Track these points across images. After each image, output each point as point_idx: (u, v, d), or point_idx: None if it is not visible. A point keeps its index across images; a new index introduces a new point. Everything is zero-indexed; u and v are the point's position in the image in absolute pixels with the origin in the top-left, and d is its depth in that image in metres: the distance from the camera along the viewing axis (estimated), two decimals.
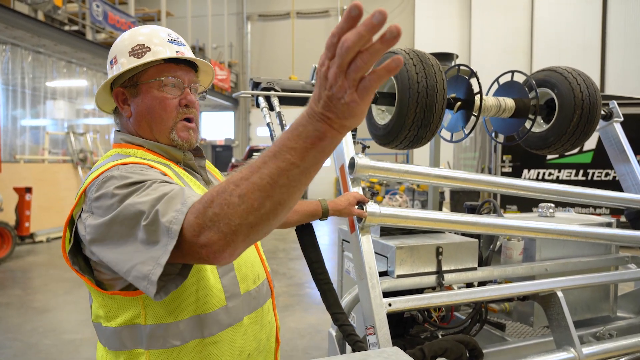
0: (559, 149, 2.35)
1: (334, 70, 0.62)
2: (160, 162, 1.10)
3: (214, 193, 0.76)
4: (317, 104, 0.66)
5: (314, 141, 0.68)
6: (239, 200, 0.72)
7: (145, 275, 0.83)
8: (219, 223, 0.74)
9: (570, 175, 7.53)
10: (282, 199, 0.73)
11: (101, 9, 11.20)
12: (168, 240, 0.81)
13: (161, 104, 1.12)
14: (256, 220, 0.74)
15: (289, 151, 0.69)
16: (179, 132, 1.14)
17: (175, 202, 0.84)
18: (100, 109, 1.25)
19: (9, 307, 4.90)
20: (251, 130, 20.51)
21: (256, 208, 0.72)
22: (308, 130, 0.68)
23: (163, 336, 1.01)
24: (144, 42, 1.13)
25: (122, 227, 0.89)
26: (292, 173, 0.70)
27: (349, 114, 0.65)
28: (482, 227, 1.89)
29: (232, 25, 19.88)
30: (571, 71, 2.25)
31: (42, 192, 8.72)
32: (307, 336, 4.11)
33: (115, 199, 0.91)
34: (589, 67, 15.13)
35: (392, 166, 1.86)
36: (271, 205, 0.73)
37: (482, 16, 16.99)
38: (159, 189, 0.89)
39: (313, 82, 2.00)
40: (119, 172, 0.96)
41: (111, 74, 1.15)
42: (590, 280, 2.09)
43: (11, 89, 10.12)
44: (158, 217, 0.83)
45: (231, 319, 1.08)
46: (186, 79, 1.16)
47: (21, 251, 7.72)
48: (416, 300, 1.73)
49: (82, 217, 0.97)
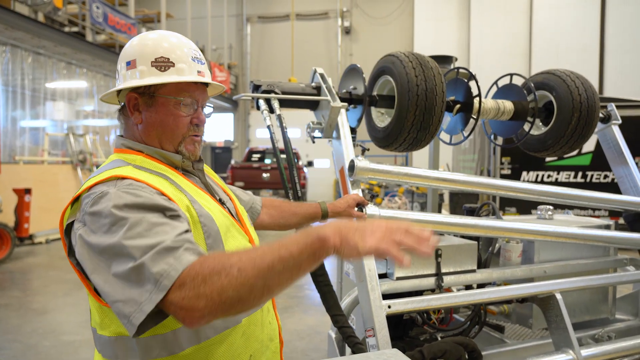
0: (557, 152, 2.36)
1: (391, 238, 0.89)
2: (158, 173, 1.11)
3: (216, 262, 0.85)
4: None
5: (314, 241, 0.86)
6: (237, 273, 0.82)
7: (126, 316, 0.87)
8: (212, 292, 0.82)
9: (569, 177, 7.55)
10: (272, 283, 0.85)
11: (101, 11, 11.21)
12: (155, 291, 0.85)
13: (175, 121, 1.14)
14: (246, 295, 0.83)
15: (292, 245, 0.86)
16: (187, 145, 1.17)
17: (168, 255, 0.88)
18: (104, 102, 1.25)
19: (8, 309, 4.89)
20: (250, 132, 20.52)
21: (250, 284, 0.83)
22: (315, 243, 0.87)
23: (159, 346, 1.02)
24: (168, 56, 1.12)
25: (111, 261, 0.91)
26: (288, 263, 0.84)
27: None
28: (481, 230, 1.90)
29: (232, 27, 19.91)
30: (569, 74, 2.26)
31: (42, 194, 8.72)
32: (306, 338, 4.11)
33: (107, 220, 0.93)
34: (588, 69, 15.17)
35: (392, 169, 1.87)
36: (262, 285, 0.84)
37: (481, 19, 17.04)
38: (153, 232, 0.91)
39: (313, 84, 2.01)
40: (116, 190, 0.97)
41: (124, 76, 1.14)
42: (588, 282, 2.09)
43: (11, 90, 10.12)
44: (148, 265, 0.87)
45: (227, 322, 1.08)
46: (201, 99, 1.18)
47: (20, 252, 7.71)
48: (415, 302, 1.73)
49: (75, 227, 0.98)
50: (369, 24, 18.85)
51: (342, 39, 19.09)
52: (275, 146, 1.71)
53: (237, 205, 1.30)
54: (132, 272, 0.88)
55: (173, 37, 1.18)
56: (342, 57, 18.96)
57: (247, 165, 12.75)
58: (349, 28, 18.99)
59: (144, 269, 0.87)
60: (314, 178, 17.05)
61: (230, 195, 1.33)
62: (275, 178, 12.32)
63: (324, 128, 1.90)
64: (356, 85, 2.09)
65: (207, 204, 1.12)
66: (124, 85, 1.13)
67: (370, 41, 18.66)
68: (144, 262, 0.87)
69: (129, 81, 1.13)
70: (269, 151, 13.52)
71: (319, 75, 2.01)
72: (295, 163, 1.76)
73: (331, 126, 1.89)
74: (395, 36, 18.29)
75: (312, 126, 1.94)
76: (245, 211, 1.35)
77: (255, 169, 12.56)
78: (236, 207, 1.28)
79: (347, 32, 19.05)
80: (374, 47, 18.25)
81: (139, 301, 0.86)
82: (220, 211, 1.14)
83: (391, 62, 1.99)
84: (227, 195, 1.31)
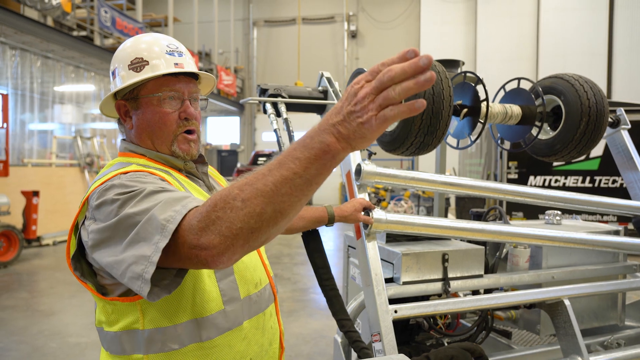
0: (565, 156, 2.34)
1: (366, 90, 0.66)
2: (161, 170, 1.11)
3: (218, 197, 0.78)
4: (335, 115, 0.70)
5: (318, 153, 0.71)
6: (242, 204, 0.75)
7: (139, 275, 0.84)
8: (220, 226, 0.76)
9: (576, 182, 7.49)
10: (283, 207, 0.75)
11: (109, 15, 11.31)
12: (160, 239, 0.83)
13: (161, 119, 1.13)
14: (257, 225, 0.76)
15: (293, 161, 0.72)
16: (180, 144, 1.15)
17: (174, 204, 0.86)
18: (107, 116, 1.27)
19: (15, 310, 4.92)
20: (257, 135, 20.59)
21: (258, 213, 0.75)
22: (314, 142, 0.71)
23: (161, 340, 1.02)
24: (142, 55, 1.12)
25: (120, 232, 0.90)
26: (295, 182, 0.73)
27: (359, 133, 0.69)
28: (489, 235, 1.89)
29: (239, 31, 20.02)
30: (578, 78, 2.24)
31: (49, 196, 8.79)
32: (311, 342, 4.10)
33: (114, 205, 0.92)
34: (596, 73, 15.09)
35: (398, 173, 1.87)
36: (272, 211, 0.75)
37: (488, 22, 17.01)
38: (158, 197, 0.90)
39: (320, 88, 2.01)
40: (120, 181, 0.98)
41: (113, 86, 1.17)
42: (597, 288, 2.07)
43: (20, 93, 10.23)
44: (155, 216, 0.85)
45: (230, 323, 1.09)
46: (186, 91, 1.16)
47: (28, 254, 7.77)
48: (422, 307, 1.72)
49: (85, 224, 0.99)
50: (375, 28, 18.88)
51: (349, 42, 19.13)
52: (282, 150, 1.72)
53: None
54: (140, 229, 0.87)
55: (147, 37, 1.18)
56: (349, 61, 19.00)
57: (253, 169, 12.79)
58: (355, 32, 19.03)
59: (151, 220, 0.85)
60: None
61: None
62: None
63: None
64: None
65: None
66: (106, 96, 1.17)
67: (377, 45, 18.68)
68: (153, 213, 0.86)
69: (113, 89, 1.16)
70: (275, 154, 13.55)
71: (326, 79, 2.01)
72: None
73: None
74: (402, 40, 18.30)
75: None
76: None
77: None
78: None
79: (353, 36, 19.09)
80: (380, 51, 18.28)
81: (146, 255, 0.84)
82: None
83: None
84: None
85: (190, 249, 0.80)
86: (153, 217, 0.85)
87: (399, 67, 0.64)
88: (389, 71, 0.64)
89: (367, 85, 0.67)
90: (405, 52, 0.64)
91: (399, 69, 0.63)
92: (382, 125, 0.67)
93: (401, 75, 0.64)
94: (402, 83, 0.64)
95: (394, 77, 0.64)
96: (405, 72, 0.63)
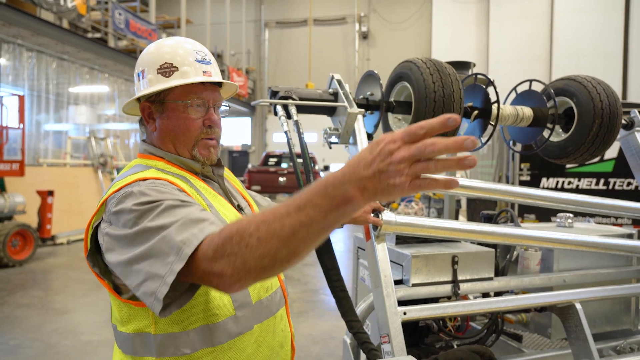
0: (577, 159, 2.32)
1: (403, 154, 0.64)
2: (178, 175, 1.13)
3: (234, 230, 0.79)
4: (364, 169, 0.67)
5: (340, 204, 0.70)
6: (257, 243, 0.76)
7: (152, 292, 0.87)
8: (235, 260, 0.78)
9: (590, 184, 7.39)
10: (298, 250, 0.76)
11: (123, 17, 11.46)
12: (175, 261, 0.85)
13: (185, 125, 1.15)
14: (270, 265, 0.78)
15: (313, 207, 0.72)
16: (200, 149, 1.17)
17: (191, 226, 0.88)
18: (127, 114, 1.29)
19: (30, 308, 5.01)
20: (267, 136, 20.67)
21: (272, 254, 0.76)
22: (337, 192, 0.69)
23: (174, 345, 1.04)
24: (172, 61, 1.14)
25: (135, 244, 0.92)
26: (312, 228, 0.73)
27: (387, 192, 0.67)
28: (499, 237, 1.88)
29: (250, 32, 20.13)
30: (590, 80, 2.22)
31: (63, 195, 8.92)
32: (320, 342, 4.10)
33: (132, 215, 0.94)
34: (611, 75, 14.88)
35: None
36: (287, 253, 0.76)
37: (500, 23, 16.87)
38: (176, 212, 0.92)
39: (330, 90, 2.02)
40: (139, 189, 0.99)
41: (138, 87, 1.18)
42: (610, 292, 2.05)
43: (36, 94, 10.40)
44: (172, 236, 0.87)
45: (240, 328, 1.09)
46: (211, 99, 1.18)
47: (42, 253, 7.89)
48: (431, 309, 1.72)
49: (102, 227, 1.01)
50: (387, 29, 18.84)
51: (360, 44, 19.12)
52: (293, 152, 1.73)
53: (255, 211, 1.31)
54: (156, 245, 0.89)
55: (171, 41, 1.19)
56: (360, 62, 18.98)
57: (264, 169, 12.85)
58: (367, 33, 19.01)
59: (168, 239, 0.87)
60: None
61: (249, 201, 1.34)
62: (292, 182, 12.38)
63: (341, 134, 1.91)
64: (373, 91, 2.09)
65: (224, 210, 1.14)
66: (134, 97, 1.18)
67: (388, 46, 18.64)
68: (169, 233, 0.88)
69: (140, 92, 1.17)
70: (286, 155, 13.60)
71: (336, 81, 2.02)
72: (312, 168, 1.78)
73: (348, 132, 1.90)
74: (413, 41, 18.23)
75: (329, 132, 1.94)
76: None
77: (272, 173, 12.65)
78: (254, 213, 1.30)
79: (364, 37, 19.07)
80: (391, 52, 18.23)
81: (161, 274, 0.86)
82: (236, 217, 1.16)
83: (408, 68, 1.99)
84: (247, 201, 1.33)
85: (203, 273, 0.83)
86: (170, 236, 0.87)
87: (443, 145, 0.62)
88: (432, 145, 0.63)
89: (405, 149, 0.64)
90: (447, 119, 0.63)
91: (443, 146, 0.62)
92: (413, 192, 0.66)
93: (445, 151, 0.63)
94: (445, 161, 0.64)
95: (436, 151, 0.63)
96: (448, 150, 0.63)
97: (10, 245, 6.93)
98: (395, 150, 0.65)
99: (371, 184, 0.67)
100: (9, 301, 5.25)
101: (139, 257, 0.91)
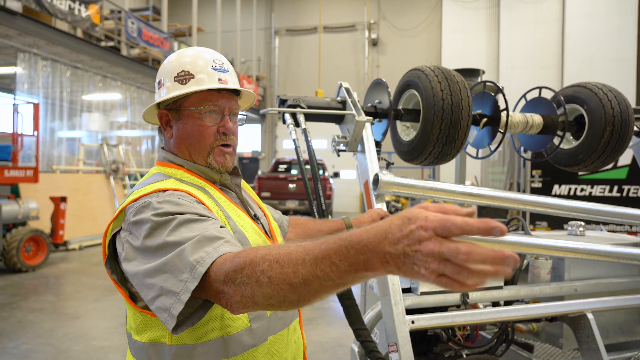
0: (589, 166, 2.30)
1: (432, 248, 0.59)
2: (197, 186, 1.14)
3: (247, 260, 0.80)
4: (390, 245, 0.64)
5: (359, 269, 0.68)
6: (267, 281, 0.77)
7: (166, 308, 0.88)
8: (244, 290, 0.80)
9: (604, 191, 7.29)
10: (307, 298, 0.76)
11: (136, 26, 11.64)
12: (189, 279, 0.86)
13: (200, 131, 1.16)
14: (277, 304, 0.79)
15: (330, 266, 0.70)
16: (216, 156, 1.18)
17: (206, 245, 0.89)
18: (148, 122, 1.31)
19: (42, 313, 5.07)
20: (277, 143, 20.75)
21: (281, 297, 0.77)
22: (358, 259, 0.67)
23: (188, 356, 1.04)
24: (188, 69, 1.16)
25: (151, 257, 0.94)
26: (326, 284, 0.72)
27: (408, 273, 0.64)
28: (509, 245, 1.86)
29: (260, 40, 20.28)
30: (601, 87, 2.21)
31: (76, 201, 9.04)
32: (329, 350, 4.09)
33: (149, 226, 0.96)
34: (624, 81, 14.71)
35: (416, 183, 1.86)
36: (296, 299, 0.77)
37: (511, 30, 16.79)
38: (193, 227, 0.94)
39: (338, 98, 2.03)
40: (158, 199, 1.01)
41: (157, 96, 1.21)
42: (623, 302, 2.02)
43: (50, 102, 10.58)
44: (187, 253, 0.88)
45: (255, 340, 1.10)
46: (227, 107, 1.19)
47: (55, 258, 7.99)
48: (440, 318, 1.71)
49: (122, 235, 1.02)
50: (396, 36, 18.86)
51: (369, 51, 19.15)
52: (301, 160, 1.74)
53: (270, 222, 1.32)
54: (171, 261, 0.90)
55: (192, 51, 1.22)
56: (369, 69, 19.01)
57: (273, 176, 12.89)
58: (376, 40, 19.05)
59: (182, 256, 0.89)
60: (340, 189, 17.05)
61: (264, 210, 1.36)
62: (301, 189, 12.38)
63: (349, 142, 1.92)
64: (381, 99, 2.10)
65: (241, 221, 1.15)
66: (150, 105, 1.21)
67: (398, 53, 18.65)
68: (184, 249, 0.89)
69: (158, 99, 1.20)
70: (295, 162, 13.62)
71: (345, 89, 2.03)
72: (319, 176, 1.78)
73: (356, 140, 1.90)
74: (423, 48, 18.22)
75: (337, 140, 1.95)
76: (277, 227, 1.38)
77: (281, 180, 12.68)
78: (270, 223, 1.31)
79: (374, 44, 19.11)
80: (401, 58, 18.23)
81: (176, 291, 0.87)
82: (253, 228, 1.17)
83: (417, 76, 1.99)
84: (262, 210, 1.34)
85: (215, 292, 0.85)
86: (184, 253, 0.89)
87: (482, 256, 0.57)
88: (469, 254, 0.57)
89: (435, 243, 0.59)
90: (492, 228, 0.57)
91: (481, 257, 0.57)
92: (435, 283, 0.61)
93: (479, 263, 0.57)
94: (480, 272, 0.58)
95: (471, 260, 0.57)
96: (484, 263, 0.57)
97: (24, 250, 7.03)
98: (426, 240, 0.60)
99: (393, 262, 0.64)
100: (22, 306, 5.31)
101: (154, 270, 0.92)
